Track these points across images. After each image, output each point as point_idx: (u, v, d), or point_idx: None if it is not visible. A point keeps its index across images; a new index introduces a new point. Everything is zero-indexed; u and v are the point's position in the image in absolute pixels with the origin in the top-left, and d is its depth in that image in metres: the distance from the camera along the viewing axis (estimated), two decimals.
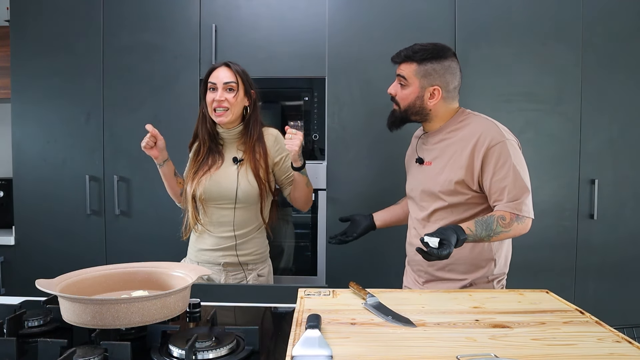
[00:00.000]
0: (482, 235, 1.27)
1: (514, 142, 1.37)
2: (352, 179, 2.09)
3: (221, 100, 1.56)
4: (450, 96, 1.44)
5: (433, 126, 1.48)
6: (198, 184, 1.60)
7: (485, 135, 1.35)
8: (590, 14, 2.03)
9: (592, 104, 2.04)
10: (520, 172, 1.33)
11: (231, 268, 1.64)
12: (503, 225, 1.29)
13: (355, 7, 2.07)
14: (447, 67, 1.41)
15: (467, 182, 1.37)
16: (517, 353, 0.83)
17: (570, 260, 2.07)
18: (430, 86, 1.41)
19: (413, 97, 1.43)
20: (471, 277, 1.42)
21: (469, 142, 1.37)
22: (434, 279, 1.47)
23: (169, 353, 0.90)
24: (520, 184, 1.32)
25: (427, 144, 1.50)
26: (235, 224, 1.62)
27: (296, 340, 0.87)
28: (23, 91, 2.18)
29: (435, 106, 1.43)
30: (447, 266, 1.43)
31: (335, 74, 2.08)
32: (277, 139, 1.67)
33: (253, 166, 1.60)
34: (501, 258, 1.44)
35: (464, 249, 1.38)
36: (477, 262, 1.42)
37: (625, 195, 2.06)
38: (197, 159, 1.65)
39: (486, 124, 1.39)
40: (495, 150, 1.33)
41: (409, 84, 1.43)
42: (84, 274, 1.10)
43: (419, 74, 1.41)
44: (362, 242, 2.07)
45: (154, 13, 2.13)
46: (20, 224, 2.21)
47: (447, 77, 1.41)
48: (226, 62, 1.61)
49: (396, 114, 1.49)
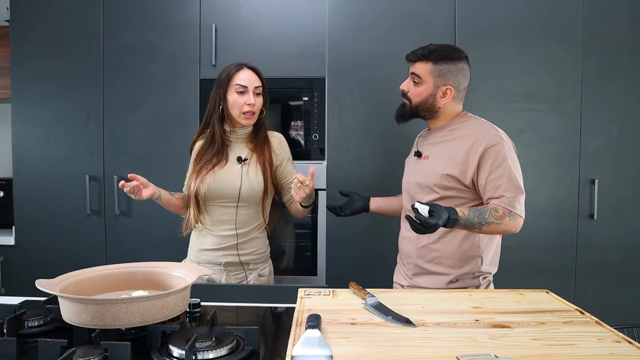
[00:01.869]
0: (473, 222, 1.30)
1: (510, 145, 1.43)
2: (352, 179, 2.09)
3: (253, 104, 1.59)
4: (460, 96, 1.50)
5: (437, 123, 1.54)
6: (202, 182, 1.60)
7: (483, 137, 1.41)
8: (590, 14, 2.03)
9: (592, 104, 2.04)
10: (515, 173, 1.38)
11: (232, 268, 1.64)
12: (495, 217, 1.32)
13: (355, 7, 2.07)
14: (460, 69, 1.47)
15: (460, 178, 1.42)
16: (517, 353, 0.83)
17: (570, 260, 2.07)
18: (444, 85, 1.46)
19: (426, 94, 1.48)
20: (457, 272, 1.46)
21: (467, 141, 1.42)
22: (422, 272, 1.51)
23: (169, 353, 0.90)
24: (515, 183, 1.37)
25: (427, 140, 1.56)
26: (237, 222, 1.62)
27: (296, 340, 0.87)
28: (23, 91, 2.18)
29: (445, 105, 1.49)
30: (435, 259, 1.48)
31: (335, 74, 2.08)
32: (281, 142, 1.71)
33: (261, 166, 1.62)
34: (488, 256, 1.49)
35: (452, 243, 1.45)
36: (465, 258, 1.46)
37: (625, 195, 2.06)
38: (202, 157, 1.64)
39: (485, 127, 1.46)
40: (493, 151, 1.38)
41: (423, 82, 1.48)
42: (84, 274, 1.10)
43: (434, 73, 1.46)
44: (362, 243, 2.08)
45: (154, 13, 2.13)
46: (20, 224, 2.21)
47: (459, 78, 1.47)
48: (251, 66, 1.62)
49: (406, 108, 1.54)
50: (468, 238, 1.46)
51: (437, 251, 1.48)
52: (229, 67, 1.62)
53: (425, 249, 1.50)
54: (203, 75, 2.11)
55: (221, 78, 1.61)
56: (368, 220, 2.08)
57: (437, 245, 1.48)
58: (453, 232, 1.45)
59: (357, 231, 2.08)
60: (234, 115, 1.60)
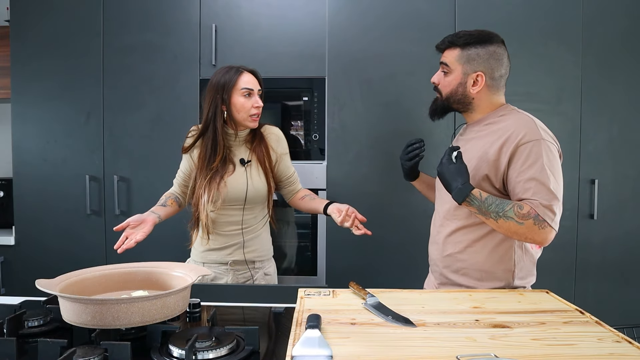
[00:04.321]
0: (489, 208, 1.19)
1: (551, 145, 1.25)
2: (352, 179, 2.09)
3: (260, 106, 1.59)
4: (495, 85, 1.34)
5: (474, 117, 1.39)
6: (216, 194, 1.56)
7: (518, 131, 1.24)
8: (590, 14, 2.03)
9: (592, 104, 2.04)
10: (551, 177, 1.20)
11: (238, 267, 1.64)
12: (517, 214, 1.18)
13: (355, 7, 2.07)
14: (492, 53, 1.31)
15: (490, 178, 1.28)
16: (517, 353, 0.83)
17: (570, 260, 2.07)
18: (474, 72, 1.32)
19: (455, 83, 1.34)
20: (485, 285, 1.32)
21: (501, 137, 1.27)
22: (448, 283, 1.39)
23: (169, 353, 0.90)
24: (548, 188, 1.19)
25: (465, 135, 1.43)
26: (243, 222, 1.63)
27: (296, 340, 0.87)
28: (23, 91, 2.18)
29: (478, 94, 1.33)
30: (461, 270, 1.35)
31: (335, 74, 2.08)
32: (280, 138, 1.70)
33: (262, 165, 1.63)
34: (522, 271, 1.33)
35: (480, 253, 1.32)
36: (494, 270, 1.31)
37: (625, 195, 2.06)
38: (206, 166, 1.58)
39: (524, 120, 1.28)
40: (527, 147, 1.22)
41: (451, 70, 1.34)
42: (84, 274, 1.10)
43: (462, 59, 1.32)
44: (362, 243, 2.08)
45: (154, 13, 2.13)
46: (20, 224, 2.21)
47: (491, 63, 1.31)
48: (250, 69, 1.61)
49: (438, 103, 1.41)
50: (498, 248, 1.31)
51: (463, 262, 1.34)
52: (229, 72, 1.57)
53: (451, 258, 1.37)
54: (203, 75, 2.11)
55: (221, 82, 1.56)
56: (368, 220, 2.08)
57: (463, 255, 1.34)
58: (482, 242, 1.32)
59: None
60: (240, 118, 1.58)
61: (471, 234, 1.34)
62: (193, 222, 1.64)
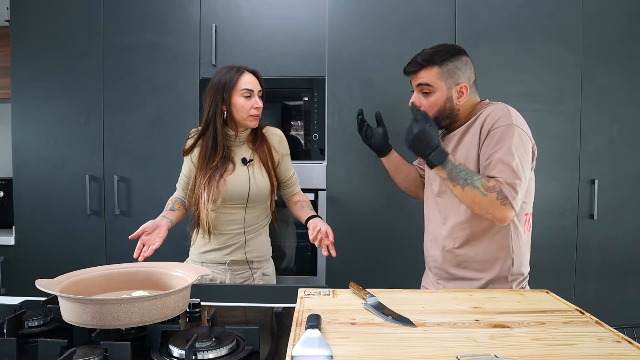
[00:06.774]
0: (459, 175, 1.24)
1: (522, 131, 1.30)
2: (352, 179, 2.09)
3: (260, 107, 1.59)
4: (472, 90, 1.40)
5: (456, 125, 1.43)
6: (215, 192, 1.56)
7: (492, 117, 1.31)
8: (590, 14, 2.03)
9: (592, 104, 2.04)
10: (516, 158, 1.25)
11: (237, 267, 1.64)
12: (484, 185, 1.23)
13: (356, 7, 2.07)
14: (466, 63, 1.38)
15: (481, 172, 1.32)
16: (517, 353, 0.83)
17: (570, 260, 2.07)
18: (457, 85, 1.36)
19: (442, 101, 1.37)
20: (488, 275, 1.37)
21: (478, 128, 1.33)
22: (451, 277, 1.42)
23: (169, 353, 0.90)
24: (512, 168, 1.24)
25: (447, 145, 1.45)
26: (245, 221, 1.63)
27: (296, 340, 0.87)
28: (23, 91, 2.18)
29: (463, 104, 1.39)
30: (462, 263, 1.39)
31: (335, 74, 2.08)
32: (282, 139, 1.71)
33: (265, 165, 1.63)
34: (519, 256, 1.38)
35: (477, 248, 1.36)
36: (494, 259, 1.36)
37: (625, 195, 2.06)
38: (206, 166, 1.59)
39: (499, 108, 1.34)
40: (498, 131, 1.28)
41: (434, 89, 1.36)
42: (84, 274, 1.10)
43: (444, 76, 1.35)
44: (361, 243, 2.08)
45: (154, 13, 2.13)
46: (20, 224, 2.21)
47: (468, 73, 1.38)
48: (251, 69, 1.61)
49: None
50: (496, 237, 1.35)
51: (462, 256, 1.39)
52: (229, 72, 1.57)
53: (450, 254, 1.41)
54: (203, 75, 2.11)
55: (222, 82, 1.56)
56: (368, 221, 2.08)
57: (461, 251, 1.39)
58: (480, 234, 1.36)
59: (357, 231, 2.08)
60: (239, 118, 1.58)
61: (469, 228, 1.37)
62: (193, 222, 1.63)
